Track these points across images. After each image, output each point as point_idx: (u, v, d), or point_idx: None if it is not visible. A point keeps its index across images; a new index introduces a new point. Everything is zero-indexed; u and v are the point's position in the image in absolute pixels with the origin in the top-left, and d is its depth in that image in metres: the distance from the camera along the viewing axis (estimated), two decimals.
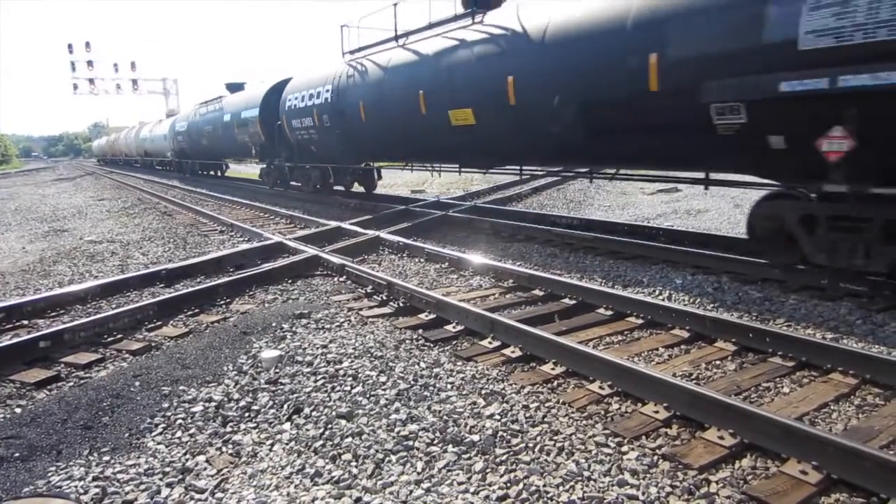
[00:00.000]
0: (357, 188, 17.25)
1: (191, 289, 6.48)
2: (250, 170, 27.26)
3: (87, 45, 57.53)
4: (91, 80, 58.22)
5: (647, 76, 6.64)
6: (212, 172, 30.29)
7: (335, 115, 13.58)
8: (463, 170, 11.99)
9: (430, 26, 10.85)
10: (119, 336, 5.27)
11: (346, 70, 13.21)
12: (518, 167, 10.71)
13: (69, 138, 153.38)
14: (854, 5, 5.04)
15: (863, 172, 5.52)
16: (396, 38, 11.78)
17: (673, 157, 7.54)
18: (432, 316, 5.47)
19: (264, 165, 20.40)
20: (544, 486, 2.87)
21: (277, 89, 17.41)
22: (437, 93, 10.16)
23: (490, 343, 4.78)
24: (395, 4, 11.59)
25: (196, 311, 6.00)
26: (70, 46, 56.62)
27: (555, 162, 10.20)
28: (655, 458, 3.09)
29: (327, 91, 13.78)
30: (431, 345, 4.87)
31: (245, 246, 9.27)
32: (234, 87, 24.16)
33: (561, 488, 2.86)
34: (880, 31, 4.87)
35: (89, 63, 57.72)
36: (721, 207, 12.53)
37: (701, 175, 7.66)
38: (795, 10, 5.44)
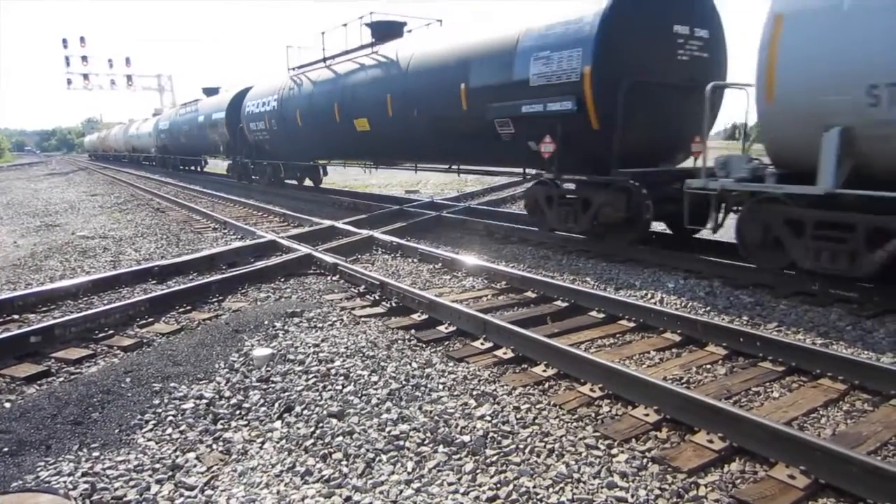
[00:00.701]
0: (308, 183, 20.15)
1: (183, 286, 6.47)
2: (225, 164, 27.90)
3: (82, 40, 57.08)
4: (85, 76, 57.74)
5: (461, 99, 9.56)
6: (192, 168, 32.69)
7: (280, 120, 16.40)
8: (376, 167, 15.03)
9: (345, 52, 13.70)
10: (110, 332, 5.25)
11: (289, 83, 15.99)
12: (413, 164, 13.19)
13: (62, 133, 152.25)
14: (552, 59, 8.01)
15: (562, 166, 8.47)
16: (324, 59, 14.57)
17: (482, 156, 10.61)
18: (425, 316, 5.47)
19: (230, 161, 23.26)
20: (534, 487, 2.88)
21: (241, 95, 20.29)
22: (346, 105, 13.01)
23: (482, 344, 4.79)
24: (322, 33, 14.75)
25: (188, 308, 5.98)
26: (65, 41, 56.13)
27: (422, 160, 12.71)
28: (645, 460, 3.10)
29: (275, 100, 16.61)
30: (423, 345, 4.87)
31: (238, 244, 9.25)
32: (210, 91, 27.03)
33: (551, 490, 2.87)
34: (563, 76, 7.90)
35: (84, 58, 57.23)
36: None
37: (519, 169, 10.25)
38: (527, 59, 8.42)
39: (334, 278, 7.06)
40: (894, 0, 5.13)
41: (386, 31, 12.89)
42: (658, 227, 8.76)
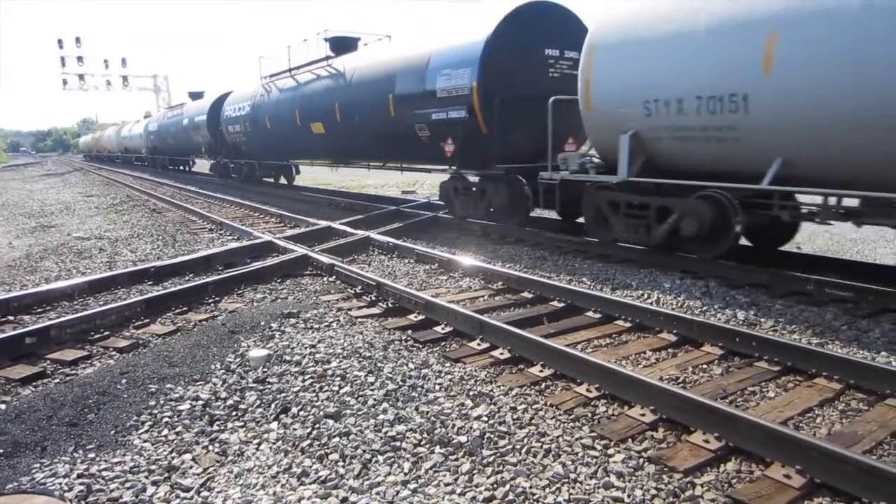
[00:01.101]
0: (283, 181, 22.25)
1: (179, 287, 6.46)
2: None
3: (78, 40, 56.87)
4: (81, 76, 57.54)
5: (389, 107, 11.43)
6: (181, 167, 34.76)
7: (253, 123, 18.56)
8: (336, 166, 17.33)
9: (307, 64, 15.49)
10: (106, 333, 5.24)
11: (261, 90, 17.99)
12: (367, 163, 15.32)
13: (58, 134, 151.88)
14: (451, 75, 9.92)
15: (462, 163, 10.51)
16: (289, 70, 16.31)
17: (409, 156, 12.79)
18: (421, 317, 5.47)
19: (213, 161, 25.41)
20: (531, 487, 2.88)
21: (220, 100, 22.33)
22: (305, 110, 14.95)
23: (479, 345, 4.79)
24: (288, 47, 16.43)
25: (184, 309, 5.97)
26: (60, 42, 55.89)
27: (366, 159, 14.97)
28: (641, 460, 3.11)
29: (249, 105, 18.70)
30: (420, 346, 4.87)
31: (234, 244, 9.24)
32: (195, 95, 29.12)
33: (547, 490, 2.87)
34: (459, 90, 9.76)
35: (79, 59, 57.00)
36: None
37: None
38: (435, 75, 10.26)
39: (331, 279, 7.05)
40: (656, 42, 6.96)
41: (341, 45, 14.77)
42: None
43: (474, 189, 10.57)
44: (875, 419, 3.51)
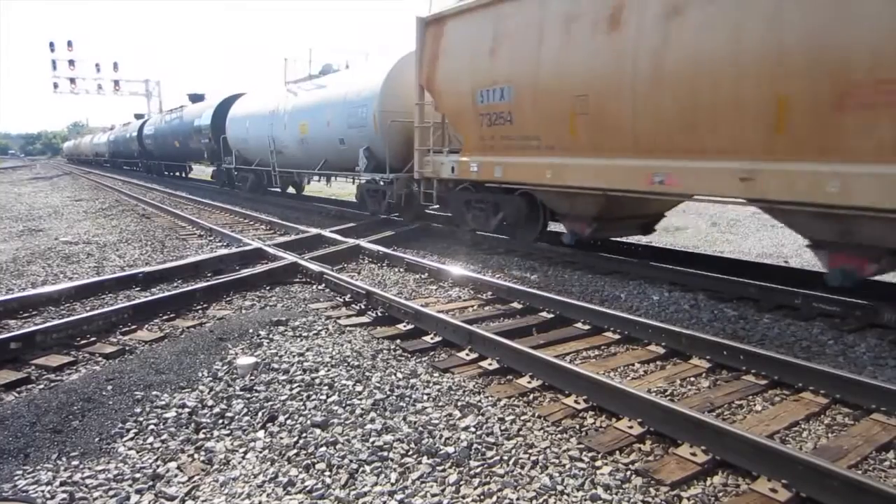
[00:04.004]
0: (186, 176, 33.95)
1: (167, 293, 6.42)
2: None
3: (70, 44, 56.54)
4: (72, 80, 57.25)
5: (192, 135, 24.76)
6: (133, 168, 42.77)
7: (155, 139, 30.83)
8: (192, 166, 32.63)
9: (175, 108, 28.03)
10: (92, 339, 5.19)
11: (159, 120, 30.57)
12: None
13: (47, 137, 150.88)
14: (205, 121, 22.67)
15: (210, 161, 24.87)
16: (171, 110, 28.54)
17: (201, 160, 27.45)
18: (410, 326, 5.46)
19: (141, 162, 37.91)
20: (518, 499, 2.87)
21: (144, 122, 34.84)
22: (174, 134, 26.79)
23: (467, 355, 4.78)
24: (175, 91, 30.41)
25: (172, 315, 5.94)
26: (52, 45, 55.56)
27: (189, 161, 30.97)
28: (628, 473, 3.11)
29: (154, 127, 31.23)
30: (409, 355, 4.86)
31: (224, 251, 9.20)
32: (139, 116, 43.43)
33: (534, 502, 2.86)
34: (205, 129, 22.82)
35: (71, 62, 56.72)
36: (699, 226, 12.70)
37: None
38: (203, 119, 23.19)
39: (320, 287, 7.04)
40: (240, 118, 18.92)
41: (195, 98, 26.87)
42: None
43: (221, 173, 22.01)
44: (861, 434, 3.53)
